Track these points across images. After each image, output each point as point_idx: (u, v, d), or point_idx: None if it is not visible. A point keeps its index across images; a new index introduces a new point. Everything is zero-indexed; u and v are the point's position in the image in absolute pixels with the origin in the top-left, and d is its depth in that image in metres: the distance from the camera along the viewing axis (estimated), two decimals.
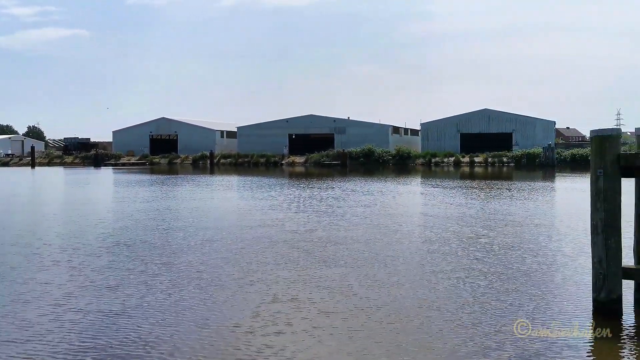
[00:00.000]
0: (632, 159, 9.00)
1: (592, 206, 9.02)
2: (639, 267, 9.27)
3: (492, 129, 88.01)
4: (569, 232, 17.55)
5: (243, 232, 18.08)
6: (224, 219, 21.86)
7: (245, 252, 14.73)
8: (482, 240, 16.38)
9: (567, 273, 12.15)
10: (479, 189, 36.52)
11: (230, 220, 21.53)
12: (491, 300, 10.14)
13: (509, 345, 7.89)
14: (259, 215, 22.52)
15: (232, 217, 22.65)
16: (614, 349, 7.91)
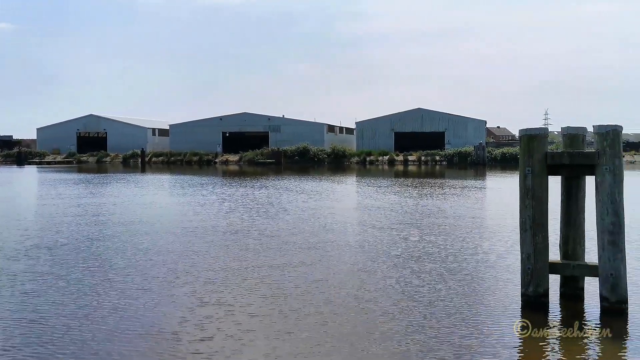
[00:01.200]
0: (559, 157, 9.33)
1: (521, 203, 9.29)
2: (565, 262, 9.62)
3: (425, 128, 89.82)
4: (499, 229, 18.07)
5: (172, 234, 17.70)
6: (152, 219, 21.34)
7: (173, 254, 14.37)
8: (415, 238, 16.63)
9: (498, 269, 12.49)
10: (413, 187, 37.15)
11: (158, 220, 21.04)
12: (423, 297, 10.30)
13: (440, 341, 8.02)
14: (190, 216, 22.12)
15: (161, 217, 22.15)
16: (541, 341, 8.16)
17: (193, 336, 8.32)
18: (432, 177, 48.68)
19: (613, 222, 8.77)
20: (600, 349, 7.92)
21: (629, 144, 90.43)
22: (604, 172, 8.84)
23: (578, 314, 9.30)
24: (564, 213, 9.92)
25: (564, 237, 9.89)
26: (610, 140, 8.89)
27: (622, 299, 8.85)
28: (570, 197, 9.87)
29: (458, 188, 36.02)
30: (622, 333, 8.37)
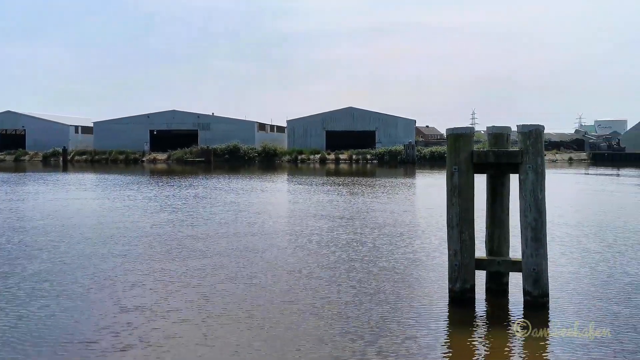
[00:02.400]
0: (484, 156, 9.65)
1: (448, 201, 9.56)
2: (490, 258, 9.97)
3: (356, 127, 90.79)
4: (427, 227, 18.51)
5: (93, 235, 17.19)
6: (71, 221, 20.63)
7: (92, 258, 13.89)
8: (345, 238, 16.81)
9: (426, 266, 12.80)
10: (344, 186, 37.51)
11: (78, 222, 20.34)
12: (352, 296, 10.43)
13: (369, 339, 8.15)
14: (113, 217, 21.54)
15: (82, 219, 21.43)
16: (467, 335, 8.43)
17: (111, 345, 7.97)
18: (363, 176, 49.29)
19: (535, 219, 9.15)
20: (523, 341, 8.25)
21: (551, 143, 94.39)
22: (527, 170, 9.21)
23: (503, 309, 9.66)
24: (489, 210, 10.27)
25: (489, 234, 10.25)
26: (533, 140, 9.27)
27: (543, 292, 9.25)
28: (495, 195, 10.23)
29: (388, 186, 36.63)
30: (543, 325, 8.74)
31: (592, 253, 14.02)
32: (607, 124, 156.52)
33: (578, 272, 12.06)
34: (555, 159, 79.35)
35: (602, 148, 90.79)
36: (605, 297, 10.19)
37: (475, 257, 9.59)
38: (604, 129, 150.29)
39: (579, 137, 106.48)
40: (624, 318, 9.02)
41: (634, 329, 8.45)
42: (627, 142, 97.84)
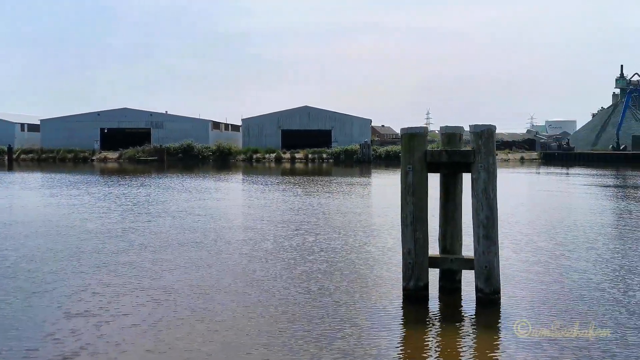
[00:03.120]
0: (437, 155, 9.82)
1: (402, 200, 9.70)
2: (443, 256, 10.15)
3: (312, 126, 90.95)
4: (382, 226, 18.70)
5: (36, 237, 16.78)
6: (14, 222, 20.09)
7: (35, 261, 13.51)
8: (300, 237, 16.84)
9: (381, 264, 12.93)
10: (300, 185, 37.55)
11: (22, 223, 19.83)
12: (307, 296, 10.48)
13: (324, 338, 8.21)
14: (59, 218, 21.06)
15: (25, 219, 20.87)
16: (421, 333, 8.58)
17: (55, 354, 7.67)
18: (319, 175, 49.42)
19: (487, 217, 9.36)
20: (475, 337, 8.45)
21: (504, 143, 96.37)
22: (479, 169, 9.41)
23: (456, 306, 9.85)
24: (442, 209, 10.46)
25: (442, 232, 10.44)
26: (485, 139, 9.48)
27: (495, 289, 9.47)
28: (448, 194, 10.41)
29: (344, 185, 36.84)
30: (495, 321, 8.96)
31: (543, 251, 14.40)
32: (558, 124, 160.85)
33: (529, 269, 12.38)
34: (507, 158, 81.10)
35: (552, 148, 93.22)
36: (555, 294, 10.48)
37: (428, 255, 9.75)
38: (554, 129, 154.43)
39: (531, 137, 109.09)
40: (573, 314, 9.29)
41: (585, 326, 8.70)
42: (576, 142, 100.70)
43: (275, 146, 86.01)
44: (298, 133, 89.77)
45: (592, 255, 13.74)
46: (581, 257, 13.61)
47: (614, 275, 11.83)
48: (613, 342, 7.99)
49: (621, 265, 12.75)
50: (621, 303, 9.88)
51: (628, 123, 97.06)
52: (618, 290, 10.70)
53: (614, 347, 7.77)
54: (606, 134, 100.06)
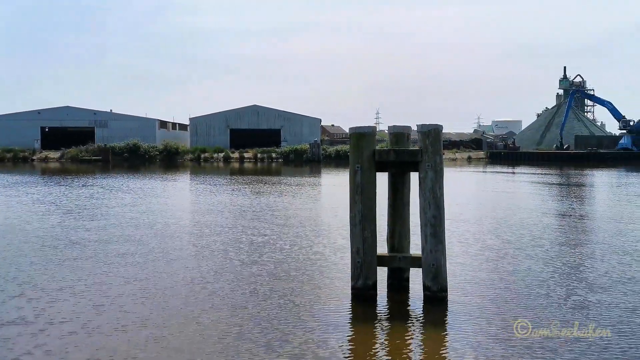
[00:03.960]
0: (386, 154, 9.93)
1: (351, 199, 9.76)
2: (392, 255, 10.26)
3: (261, 125, 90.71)
4: (332, 225, 18.78)
5: None
6: None
7: None
8: (247, 238, 16.75)
9: (330, 264, 12.97)
10: (249, 185, 37.36)
11: None
12: (256, 297, 10.44)
13: (272, 338, 8.19)
14: None
15: None
16: (369, 332, 8.65)
17: None
18: (268, 175, 49.30)
19: (434, 216, 9.51)
20: (423, 335, 8.58)
21: (451, 143, 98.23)
22: (427, 168, 9.56)
23: (404, 304, 9.97)
24: (390, 208, 10.58)
25: (390, 231, 10.56)
26: (432, 139, 9.63)
27: (442, 287, 9.63)
28: (396, 193, 10.54)
29: (294, 185, 36.84)
30: (442, 319, 9.12)
31: (491, 249, 14.72)
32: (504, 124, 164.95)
33: (477, 267, 12.63)
34: (455, 157, 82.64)
35: (498, 147, 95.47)
36: (502, 291, 10.71)
37: (377, 254, 9.84)
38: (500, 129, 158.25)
39: (478, 137, 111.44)
40: (520, 312, 9.50)
41: (532, 322, 8.91)
42: (522, 141, 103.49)
43: (223, 146, 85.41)
44: (247, 132, 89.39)
45: (538, 253, 14.10)
46: (528, 255, 13.94)
47: (560, 272, 12.16)
48: (556, 340, 8.21)
49: (566, 262, 13.12)
50: (566, 300, 10.16)
51: (571, 123, 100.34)
52: (563, 287, 11.00)
53: (556, 345, 7.97)
54: (550, 134, 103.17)
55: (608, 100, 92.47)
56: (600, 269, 12.35)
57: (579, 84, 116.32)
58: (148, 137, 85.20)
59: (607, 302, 9.94)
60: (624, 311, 9.40)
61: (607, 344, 7.96)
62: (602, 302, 9.91)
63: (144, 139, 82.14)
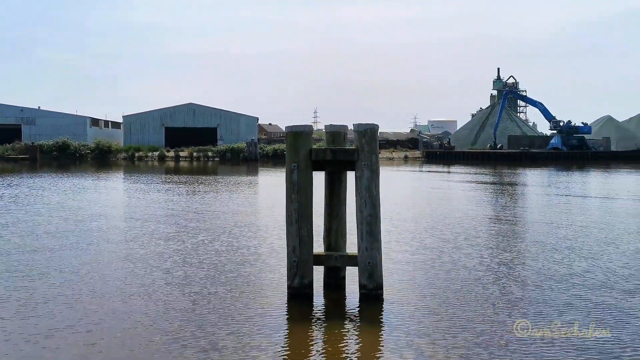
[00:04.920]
0: (322, 153, 10.01)
1: (287, 198, 9.80)
2: (328, 254, 10.35)
3: (197, 124, 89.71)
4: (268, 224, 18.75)
5: None
6: None
7: None
8: (184, 239, 16.55)
9: (266, 263, 12.97)
10: (184, 184, 36.87)
11: None
12: (190, 300, 10.34)
13: (209, 340, 8.14)
14: None
15: None
16: (305, 331, 8.70)
17: None
18: (204, 174, 48.79)
19: (371, 214, 9.65)
20: (358, 333, 8.69)
21: (389, 142, 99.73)
22: (363, 167, 9.68)
23: (340, 303, 10.08)
24: (327, 207, 10.67)
25: (327, 230, 10.64)
26: (368, 138, 9.76)
27: (378, 285, 9.77)
28: (333, 192, 10.63)
29: (230, 184, 36.59)
30: (378, 317, 9.26)
31: (427, 247, 15.01)
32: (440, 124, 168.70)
33: (413, 265, 12.86)
34: (392, 156, 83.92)
35: (434, 147, 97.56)
36: (438, 289, 10.93)
37: (313, 253, 9.91)
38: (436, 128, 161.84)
39: (414, 137, 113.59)
40: (456, 309, 9.72)
41: (469, 320, 9.13)
42: (457, 141, 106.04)
43: (158, 144, 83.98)
44: (183, 131, 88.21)
45: (474, 251, 14.46)
46: (464, 253, 14.26)
47: (494, 270, 12.50)
48: (491, 336, 8.46)
49: (500, 261, 13.50)
50: (501, 296, 10.46)
51: (504, 123, 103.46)
52: (499, 284, 11.30)
53: (494, 347, 8.19)
54: (484, 134, 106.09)
55: (539, 101, 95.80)
56: (533, 267, 12.75)
57: (512, 85, 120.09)
58: (79, 135, 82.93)
59: (538, 298, 10.30)
60: (555, 307, 9.74)
61: (540, 337, 8.27)
62: (534, 299, 10.27)
63: (74, 137, 79.87)
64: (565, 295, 10.41)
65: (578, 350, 7.77)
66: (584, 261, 13.22)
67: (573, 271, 12.24)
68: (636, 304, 9.91)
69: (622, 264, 12.89)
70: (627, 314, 9.36)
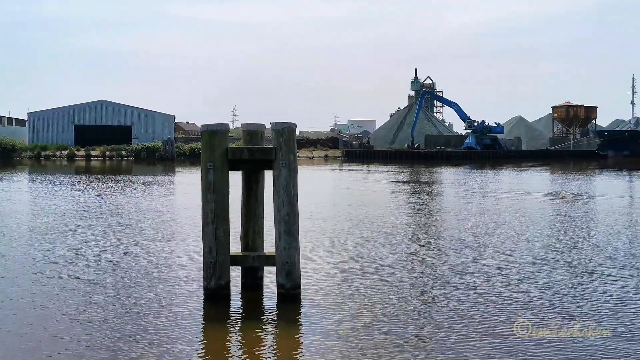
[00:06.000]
0: (239, 152, 10.00)
1: (203, 198, 9.74)
2: (245, 254, 10.36)
3: (110, 122, 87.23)
4: (185, 225, 18.51)
5: None
6: None
7: None
8: (96, 243, 16.11)
9: (183, 265, 12.82)
10: (96, 184, 35.76)
11: None
12: (106, 301, 10.11)
13: (127, 343, 7.99)
14: None
15: None
16: (222, 332, 8.69)
17: None
18: (118, 174, 47.51)
19: (288, 213, 9.72)
20: (276, 333, 8.76)
21: (309, 141, 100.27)
22: (280, 166, 9.75)
23: (257, 303, 10.11)
24: (244, 206, 10.67)
25: (244, 230, 10.65)
26: (286, 137, 9.83)
27: (296, 284, 9.86)
28: (250, 191, 10.65)
29: (145, 185, 35.82)
30: (296, 317, 9.35)
31: (346, 246, 15.23)
32: (359, 123, 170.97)
33: (332, 264, 13.02)
34: (312, 156, 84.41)
35: (354, 146, 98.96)
36: (357, 287, 11.12)
37: (230, 254, 9.89)
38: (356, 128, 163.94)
39: (334, 136, 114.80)
40: (374, 307, 9.92)
41: (387, 320, 9.32)
42: (376, 140, 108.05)
43: (68, 143, 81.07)
44: (94, 128, 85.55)
45: (393, 250, 14.77)
46: (383, 251, 14.54)
47: (414, 268, 12.82)
48: (413, 337, 8.68)
49: (420, 259, 13.86)
50: (420, 295, 10.73)
51: (422, 123, 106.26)
52: (417, 283, 11.59)
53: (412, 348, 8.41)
54: (402, 133, 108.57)
55: (455, 102, 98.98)
56: (451, 264, 13.17)
57: (428, 85, 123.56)
58: None
59: (453, 295, 10.67)
60: (472, 304, 10.12)
61: (452, 331, 8.60)
62: (451, 296, 10.64)
63: None
64: (482, 292, 10.83)
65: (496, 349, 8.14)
66: (499, 257, 13.79)
67: (488, 268, 12.74)
68: (549, 297, 10.46)
69: (535, 260, 13.54)
70: (541, 308, 9.87)
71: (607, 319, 9.24)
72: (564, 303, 10.07)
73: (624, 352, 7.88)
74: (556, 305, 9.92)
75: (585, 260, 13.52)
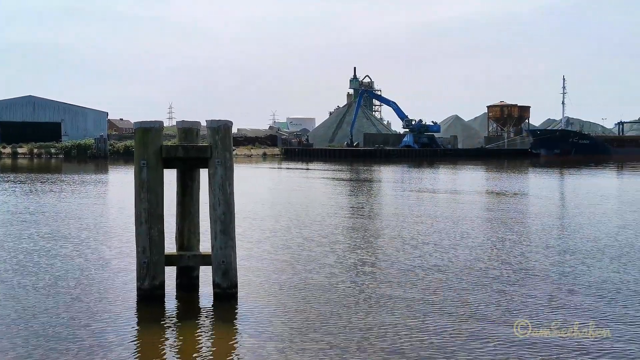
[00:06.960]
0: (174, 150, 9.91)
1: (137, 197, 9.61)
2: (180, 253, 10.27)
3: (38, 118, 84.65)
4: (117, 225, 18.17)
5: None
6: None
7: None
8: (22, 244, 15.66)
9: (115, 266, 12.60)
10: (21, 184, 34.60)
11: None
12: (37, 303, 9.85)
13: (59, 345, 7.82)
14: None
15: None
16: (156, 332, 8.60)
17: None
18: (46, 172, 46.11)
19: (224, 212, 9.70)
20: (212, 332, 8.75)
21: (247, 139, 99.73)
22: (216, 165, 9.71)
23: (193, 303, 10.05)
24: (179, 205, 10.58)
25: (179, 229, 10.56)
26: (222, 135, 9.80)
27: (232, 284, 9.86)
28: (185, 190, 10.57)
29: (76, 184, 34.87)
30: (232, 316, 9.35)
31: (286, 245, 15.27)
32: (298, 121, 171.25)
33: (269, 263, 13.05)
34: (250, 154, 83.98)
35: (293, 144, 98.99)
36: (293, 286, 11.19)
37: (165, 253, 9.79)
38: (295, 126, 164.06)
39: (273, 134, 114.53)
40: (312, 306, 10.00)
41: (324, 319, 9.36)
42: (315, 138, 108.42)
43: None
44: (21, 125, 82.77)
45: (332, 249, 14.90)
46: (322, 250, 14.63)
47: (352, 267, 12.97)
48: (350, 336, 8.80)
49: (359, 257, 14.05)
50: (358, 294, 10.84)
51: (360, 121, 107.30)
52: (355, 282, 11.74)
53: (348, 347, 8.55)
54: (342, 131, 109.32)
55: (393, 101, 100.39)
56: (390, 262, 13.39)
57: (367, 84, 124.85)
58: None
59: (392, 294, 10.88)
60: (410, 302, 10.32)
61: (389, 330, 8.77)
62: (389, 295, 10.84)
63: None
64: (420, 290, 11.06)
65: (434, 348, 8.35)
66: (437, 255, 14.10)
67: (426, 265, 13.01)
68: (486, 296, 10.79)
69: (471, 257, 13.94)
70: (475, 306, 10.17)
71: (540, 314, 9.63)
72: (500, 300, 10.42)
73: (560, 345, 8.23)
74: (492, 302, 10.25)
75: (519, 258, 14.01)
